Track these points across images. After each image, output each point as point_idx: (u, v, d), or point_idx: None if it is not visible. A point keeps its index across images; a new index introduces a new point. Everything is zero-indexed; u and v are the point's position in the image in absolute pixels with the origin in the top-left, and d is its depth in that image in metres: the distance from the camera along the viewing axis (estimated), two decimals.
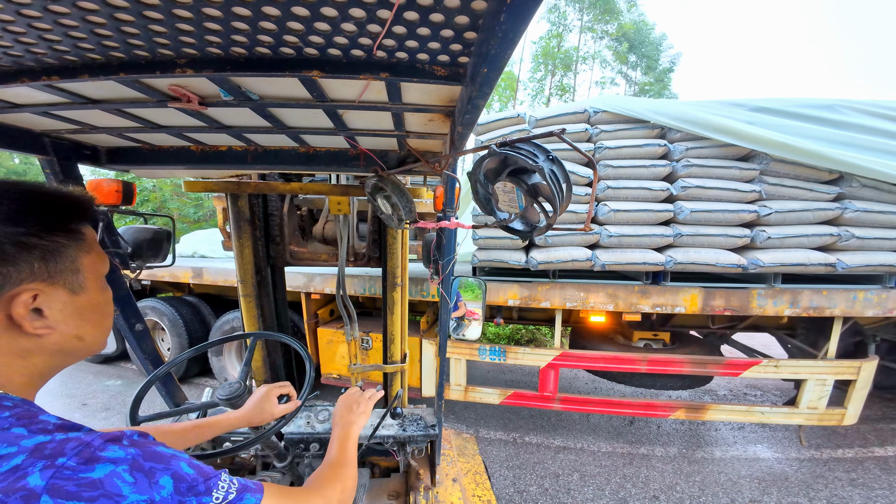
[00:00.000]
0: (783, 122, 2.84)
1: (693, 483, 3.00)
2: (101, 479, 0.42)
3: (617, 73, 23.20)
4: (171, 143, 1.22)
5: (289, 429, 1.54)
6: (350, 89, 0.79)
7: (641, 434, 3.73)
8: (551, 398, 3.30)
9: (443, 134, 1.06)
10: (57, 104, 0.86)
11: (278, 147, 1.27)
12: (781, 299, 2.85)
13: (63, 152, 1.15)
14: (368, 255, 1.96)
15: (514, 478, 3.04)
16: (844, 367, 3.01)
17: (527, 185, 0.70)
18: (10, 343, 0.49)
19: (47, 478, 0.40)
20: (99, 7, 0.51)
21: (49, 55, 0.66)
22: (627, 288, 2.99)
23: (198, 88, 0.79)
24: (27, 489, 0.39)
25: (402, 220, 1.19)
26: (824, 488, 2.95)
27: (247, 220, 1.72)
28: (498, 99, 20.73)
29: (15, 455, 0.40)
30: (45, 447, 0.42)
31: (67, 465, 0.41)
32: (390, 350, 1.90)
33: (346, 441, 0.91)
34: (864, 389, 3.02)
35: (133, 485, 0.43)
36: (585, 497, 2.83)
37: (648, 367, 3.14)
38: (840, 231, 2.76)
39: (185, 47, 0.63)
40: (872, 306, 2.80)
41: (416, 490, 1.63)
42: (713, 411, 3.19)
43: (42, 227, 0.50)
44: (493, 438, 3.58)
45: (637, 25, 22.01)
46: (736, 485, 3.00)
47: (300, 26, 0.56)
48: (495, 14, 0.47)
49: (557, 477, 3.05)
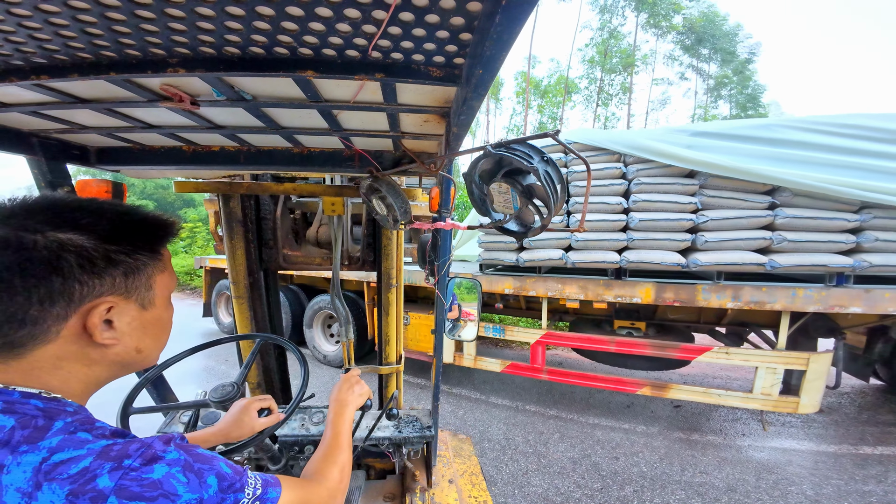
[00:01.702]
0: (720, 143, 3.31)
1: (654, 451, 3.48)
2: (160, 479, 0.44)
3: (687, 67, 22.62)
4: (162, 142, 1.21)
5: (283, 431, 1.53)
6: (345, 90, 0.79)
7: (633, 413, 4.17)
8: (540, 370, 4.06)
9: (438, 135, 1.06)
10: (46, 104, 0.84)
11: (272, 147, 1.26)
12: (724, 294, 3.24)
13: (51, 152, 1.13)
14: (363, 259, 1.95)
15: (506, 431, 3.81)
16: (793, 358, 3.31)
17: (521, 185, 0.70)
18: (79, 351, 0.51)
19: (116, 479, 0.42)
20: (90, 6, 0.51)
21: (39, 54, 0.65)
22: (595, 281, 3.66)
23: (190, 88, 0.78)
24: (97, 490, 0.41)
25: (397, 221, 1.19)
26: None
27: (239, 221, 1.70)
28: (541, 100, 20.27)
29: (84, 457, 0.42)
30: (112, 449, 0.44)
31: (133, 467, 0.43)
32: (385, 351, 1.89)
33: (340, 423, 0.91)
34: (817, 381, 3.27)
35: (186, 485, 0.46)
36: (558, 449, 3.49)
37: (616, 347, 3.82)
38: (773, 235, 3.13)
39: (177, 46, 0.62)
40: (813, 302, 3.08)
41: (412, 492, 1.62)
42: (674, 390, 3.67)
43: (130, 246, 0.54)
44: (499, 404, 4.41)
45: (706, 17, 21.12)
46: (692, 461, 3.36)
47: (294, 26, 0.56)
48: (490, 16, 0.47)
49: (541, 434, 3.76)
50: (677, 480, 3.04)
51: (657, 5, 20.73)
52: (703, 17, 21.51)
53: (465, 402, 4.44)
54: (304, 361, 1.22)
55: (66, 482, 0.40)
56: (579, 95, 22.94)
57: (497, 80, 22.36)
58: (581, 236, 3.66)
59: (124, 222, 0.54)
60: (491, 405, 4.35)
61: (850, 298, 3.03)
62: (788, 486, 2.99)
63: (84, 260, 0.48)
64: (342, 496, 0.76)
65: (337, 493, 0.74)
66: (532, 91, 21.92)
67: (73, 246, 0.48)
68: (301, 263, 1.95)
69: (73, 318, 0.49)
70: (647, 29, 21.99)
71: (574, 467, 3.21)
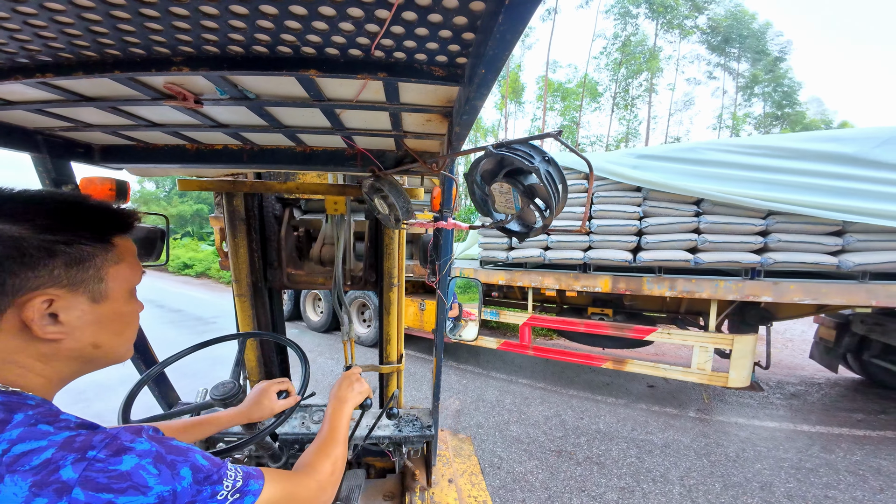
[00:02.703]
0: (658, 164, 4.06)
1: (615, 416, 4.20)
2: (128, 471, 0.43)
3: (715, 66, 22.53)
4: (165, 141, 1.21)
5: (283, 429, 1.53)
6: (348, 89, 0.79)
7: (610, 390, 4.94)
8: (527, 347, 5.03)
9: (440, 134, 1.06)
10: (51, 101, 0.85)
11: (275, 146, 1.26)
12: (663, 284, 4.02)
13: (56, 150, 1.14)
14: (365, 279, 1.95)
15: (498, 396, 4.73)
16: (720, 339, 3.99)
17: (523, 186, 0.70)
18: (27, 346, 0.50)
19: (80, 470, 0.41)
20: (95, 4, 0.51)
21: (44, 52, 0.65)
22: (567, 274, 4.56)
23: (194, 86, 0.78)
24: (60, 482, 0.40)
25: (399, 220, 1.19)
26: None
27: (242, 219, 1.71)
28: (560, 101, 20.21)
29: (45, 449, 0.42)
30: (75, 441, 0.43)
31: (98, 458, 0.42)
32: (386, 350, 1.90)
33: (337, 418, 0.91)
34: (743, 359, 3.87)
35: (157, 476, 0.45)
36: (536, 410, 4.33)
37: (585, 328, 4.75)
38: (698, 237, 3.87)
39: (181, 45, 0.63)
40: (732, 292, 3.78)
41: (412, 491, 1.63)
42: (630, 364, 4.48)
43: (70, 236, 0.51)
44: (497, 377, 5.39)
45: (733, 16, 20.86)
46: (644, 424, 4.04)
47: (298, 25, 0.56)
48: (493, 15, 0.47)
49: (526, 399, 4.65)
50: (625, 437, 3.75)
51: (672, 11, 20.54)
52: (728, 17, 21.17)
53: (469, 375, 5.46)
54: (306, 359, 1.22)
55: (28, 474, 0.40)
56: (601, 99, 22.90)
57: (519, 85, 22.50)
58: (554, 238, 4.57)
59: (64, 212, 0.52)
60: (490, 377, 5.37)
61: (761, 289, 3.65)
62: (715, 448, 3.56)
63: (14, 250, 0.46)
64: (333, 489, 0.75)
65: (327, 486, 0.73)
66: (554, 94, 22.03)
67: (5, 236, 0.46)
68: (305, 283, 1.95)
69: (10, 312, 0.48)
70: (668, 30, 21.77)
71: (545, 422, 4.03)
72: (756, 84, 21.51)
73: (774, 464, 3.33)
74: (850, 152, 3.39)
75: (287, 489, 0.61)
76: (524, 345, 5.00)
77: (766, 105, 22.13)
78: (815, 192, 3.45)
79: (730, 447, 3.58)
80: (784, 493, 2.96)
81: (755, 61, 21.37)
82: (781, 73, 20.90)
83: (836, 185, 3.40)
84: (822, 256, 3.53)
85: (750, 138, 3.96)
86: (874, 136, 3.40)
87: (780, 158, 3.61)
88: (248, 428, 1.20)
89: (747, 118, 23.00)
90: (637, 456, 3.40)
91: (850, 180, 3.37)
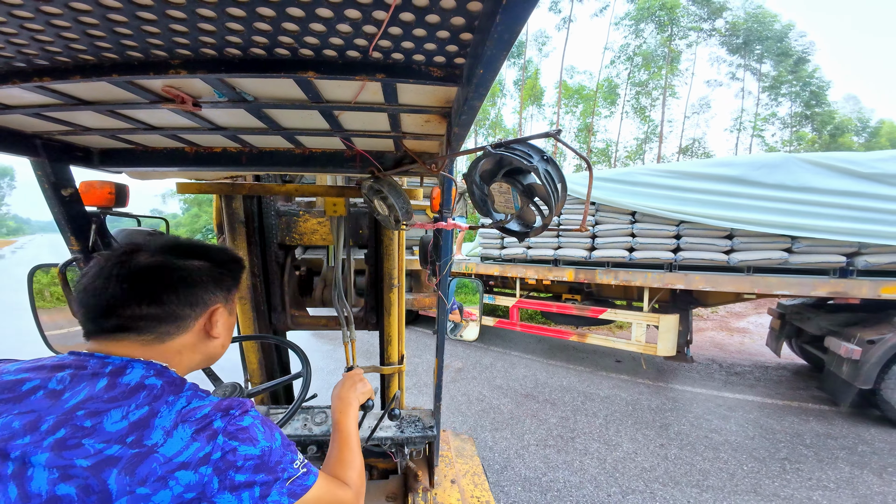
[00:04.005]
0: (606, 184, 5.13)
1: (577, 377, 5.43)
2: (248, 426, 0.61)
3: (737, 67, 22.61)
4: (164, 144, 1.21)
5: (286, 431, 1.53)
6: (346, 90, 0.79)
7: (583, 361, 6.13)
8: (515, 324, 6.36)
9: (439, 135, 1.06)
10: (48, 105, 0.85)
11: (273, 148, 1.26)
12: (610, 275, 5.20)
13: (54, 154, 1.13)
14: (366, 321, 1.96)
15: (492, 362, 6.00)
16: (651, 317, 5.13)
17: (522, 185, 0.70)
18: (198, 342, 0.72)
19: (225, 423, 0.59)
20: (91, 7, 0.51)
21: (41, 56, 0.65)
22: (544, 267, 5.85)
23: (191, 89, 0.78)
24: (212, 429, 0.57)
25: (398, 221, 1.19)
26: None
27: (241, 221, 1.71)
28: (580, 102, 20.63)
29: (205, 406, 0.60)
30: (222, 403, 0.62)
31: (234, 415, 0.61)
32: (388, 351, 1.89)
33: (346, 422, 0.93)
34: (667, 333, 5.01)
35: (264, 434, 0.62)
36: (518, 372, 5.61)
37: (557, 309, 6.10)
38: (633, 240, 5.04)
39: (178, 48, 0.62)
40: (657, 281, 4.87)
41: (415, 491, 1.62)
42: (590, 337, 5.80)
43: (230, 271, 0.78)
44: (494, 350, 6.64)
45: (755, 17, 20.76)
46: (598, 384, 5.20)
47: (295, 27, 0.56)
48: (491, 15, 0.47)
49: (513, 365, 5.92)
50: (579, 391, 4.94)
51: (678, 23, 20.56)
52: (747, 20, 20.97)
53: (471, 347, 6.65)
54: (307, 361, 1.22)
55: (193, 423, 0.57)
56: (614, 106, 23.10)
57: (539, 89, 22.97)
58: (533, 240, 5.78)
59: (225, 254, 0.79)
60: (488, 350, 6.61)
61: (676, 279, 4.76)
62: (643, 401, 4.64)
63: (209, 276, 0.72)
64: (363, 498, 0.80)
65: (360, 495, 0.79)
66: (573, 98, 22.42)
67: (205, 269, 0.72)
68: (308, 325, 2.00)
69: (203, 318, 0.71)
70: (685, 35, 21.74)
71: (523, 378, 5.35)
72: (781, 84, 21.35)
73: (681, 414, 4.30)
74: (736, 174, 4.35)
75: (332, 490, 0.71)
76: (513, 322, 6.36)
77: (795, 105, 22.01)
78: (711, 205, 4.46)
79: (654, 402, 4.62)
80: (677, 432, 3.89)
81: (778, 63, 21.23)
82: (808, 72, 20.63)
83: (725, 201, 4.39)
84: (717, 254, 4.58)
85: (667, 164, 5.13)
86: (755, 162, 4.40)
87: (687, 180, 4.60)
88: None
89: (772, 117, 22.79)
90: (581, 401, 4.61)
91: (735, 196, 4.34)
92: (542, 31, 26.00)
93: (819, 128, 21.02)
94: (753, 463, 3.36)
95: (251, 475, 0.57)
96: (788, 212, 4.10)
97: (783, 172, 4.17)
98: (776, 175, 4.18)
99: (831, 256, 4.12)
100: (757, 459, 3.42)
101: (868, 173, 3.89)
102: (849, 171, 3.95)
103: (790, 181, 4.11)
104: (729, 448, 3.58)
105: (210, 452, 0.55)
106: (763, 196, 4.20)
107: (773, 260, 4.31)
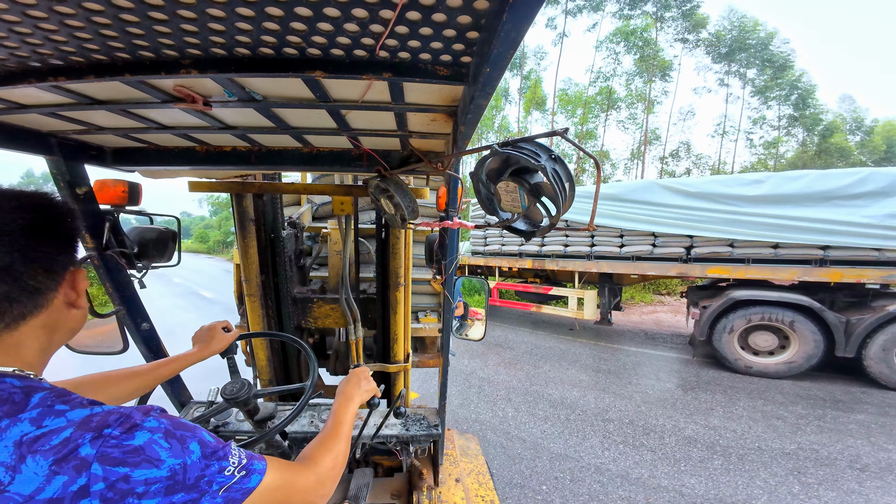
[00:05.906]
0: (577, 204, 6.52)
1: (544, 340, 7.56)
2: (141, 445, 0.47)
3: (725, 73, 23.27)
4: (175, 143, 1.23)
5: (293, 428, 1.54)
6: (353, 89, 0.79)
7: (550, 330, 8.34)
8: (494, 300, 8.92)
9: (446, 134, 1.06)
10: (63, 105, 0.86)
11: (282, 147, 1.27)
12: (557, 263, 7.51)
13: (69, 153, 1.16)
14: (374, 355, 2.03)
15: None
16: (579, 292, 7.47)
17: (529, 184, 0.70)
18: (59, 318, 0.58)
19: (97, 447, 0.44)
20: (104, 8, 0.52)
21: (55, 56, 0.66)
22: (513, 258, 8.16)
23: (202, 89, 0.79)
24: (79, 458, 0.43)
25: (404, 219, 1.19)
26: None
27: (251, 219, 1.72)
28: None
29: (64, 428, 0.45)
30: (92, 419, 0.47)
31: (113, 435, 0.46)
32: (393, 350, 1.90)
33: (342, 414, 0.92)
34: (590, 303, 7.38)
35: (169, 450, 0.48)
36: (491, 334, 7.61)
37: (522, 288, 8.64)
38: (567, 239, 7.48)
39: (189, 48, 0.63)
40: (580, 267, 7.22)
41: (419, 490, 1.63)
42: (545, 308, 8.29)
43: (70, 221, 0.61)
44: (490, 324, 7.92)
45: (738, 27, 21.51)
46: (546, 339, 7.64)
47: (303, 26, 0.56)
48: (497, 14, 0.46)
49: (497, 333, 7.93)
50: (532, 343, 7.34)
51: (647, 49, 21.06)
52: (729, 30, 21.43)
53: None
54: (314, 359, 1.23)
55: (49, 453, 0.43)
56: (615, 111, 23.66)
57: (541, 95, 23.84)
58: (506, 237, 8.27)
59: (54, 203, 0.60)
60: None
61: (587, 265, 7.15)
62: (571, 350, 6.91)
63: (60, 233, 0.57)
64: (332, 484, 0.75)
65: (327, 480, 0.73)
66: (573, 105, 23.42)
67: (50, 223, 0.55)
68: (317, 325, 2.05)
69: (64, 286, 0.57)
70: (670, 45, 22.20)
71: (502, 340, 7.52)
72: (769, 90, 21.59)
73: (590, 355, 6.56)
74: (616, 193, 6.61)
75: (286, 478, 0.62)
76: (493, 299, 8.94)
77: (783, 108, 22.44)
78: (607, 217, 6.65)
79: (580, 350, 6.92)
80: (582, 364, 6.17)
81: (762, 69, 21.56)
82: (795, 76, 20.94)
83: (615, 212, 6.59)
84: (613, 248, 6.85)
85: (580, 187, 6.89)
86: (629, 186, 6.70)
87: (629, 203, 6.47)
88: (257, 426, 1.22)
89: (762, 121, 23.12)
90: (531, 349, 6.94)
91: (620, 209, 6.56)
92: (541, 47, 28.11)
93: (810, 127, 21.24)
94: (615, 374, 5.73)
95: (163, 498, 0.46)
96: (651, 219, 6.27)
97: (648, 192, 6.31)
98: (643, 194, 6.33)
99: (677, 248, 6.19)
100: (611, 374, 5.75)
101: (695, 192, 5.89)
102: (684, 191, 6.00)
103: (652, 198, 6.23)
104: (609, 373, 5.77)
105: (87, 484, 0.43)
106: (636, 209, 6.42)
107: (644, 251, 6.48)
